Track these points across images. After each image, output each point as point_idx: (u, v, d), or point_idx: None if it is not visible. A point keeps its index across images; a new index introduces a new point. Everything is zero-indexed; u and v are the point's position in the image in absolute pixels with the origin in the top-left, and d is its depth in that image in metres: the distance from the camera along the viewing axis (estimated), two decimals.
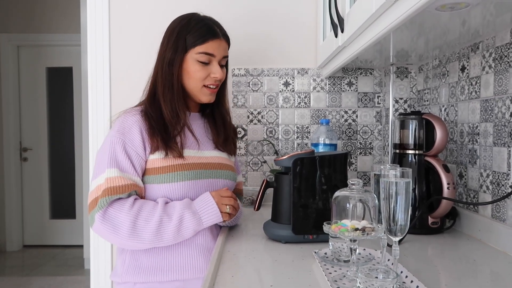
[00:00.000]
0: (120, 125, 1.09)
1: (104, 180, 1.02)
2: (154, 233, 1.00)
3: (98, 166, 1.06)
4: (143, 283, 1.08)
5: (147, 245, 1.03)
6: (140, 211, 1.01)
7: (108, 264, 1.74)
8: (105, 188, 1.01)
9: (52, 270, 3.62)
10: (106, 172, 1.03)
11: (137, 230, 1.00)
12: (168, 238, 1.02)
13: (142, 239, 1.00)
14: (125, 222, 0.99)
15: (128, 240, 1.00)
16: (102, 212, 1.00)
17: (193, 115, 1.21)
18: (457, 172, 1.26)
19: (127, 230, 0.99)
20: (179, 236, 1.04)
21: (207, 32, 1.12)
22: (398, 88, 1.65)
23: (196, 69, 1.12)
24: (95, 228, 1.02)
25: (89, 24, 1.73)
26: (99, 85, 1.73)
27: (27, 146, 4.28)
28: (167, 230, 1.02)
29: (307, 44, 1.74)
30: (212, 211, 1.06)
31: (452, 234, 1.15)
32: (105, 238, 1.03)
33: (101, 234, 1.02)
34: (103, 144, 1.09)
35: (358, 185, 0.79)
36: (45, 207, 4.31)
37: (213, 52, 1.12)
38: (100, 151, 1.09)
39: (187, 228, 1.03)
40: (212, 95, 1.17)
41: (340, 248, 0.88)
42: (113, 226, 1.00)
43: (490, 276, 0.84)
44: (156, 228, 1.01)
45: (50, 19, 4.16)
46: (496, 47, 1.05)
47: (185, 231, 1.04)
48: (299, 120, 1.74)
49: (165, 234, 1.02)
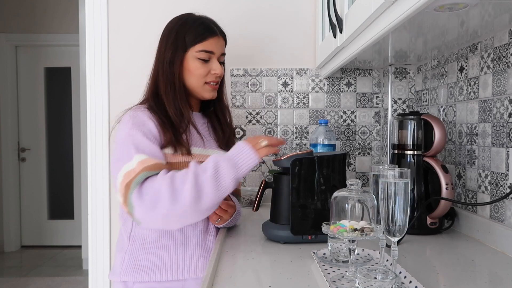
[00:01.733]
0: (133, 119, 1.07)
1: (136, 164, 0.98)
2: (193, 190, 0.94)
3: (122, 157, 1.01)
4: (141, 282, 1.08)
5: (191, 208, 0.95)
6: (174, 175, 0.97)
7: (106, 265, 1.73)
8: (141, 168, 0.97)
9: (50, 270, 3.61)
10: (135, 158, 0.99)
11: (176, 192, 0.94)
12: (209, 193, 0.96)
13: (184, 200, 0.94)
14: (162, 187, 0.94)
15: (172, 206, 0.94)
16: (137, 190, 0.95)
17: (195, 114, 1.22)
18: (455, 172, 1.26)
19: (167, 195, 0.93)
20: (218, 189, 0.97)
21: (205, 30, 1.14)
22: (396, 89, 1.65)
23: (196, 66, 1.13)
24: (137, 213, 0.95)
25: (87, 24, 1.73)
26: (97, 85, 1.73)
27: (25, 146, 4.27)
28: (205, 184, 0.96)
29: (305, 45, 1.74)
30: (247, 153, 1.00)
31: (451, 234, 1.15)
32: (150, 218, 0.95)
33: (144, 213, 0.95)
34: (119, 139, 1.06)
35: (357, 186, 0.79)
36: (43, 207, 4.30)
37: (212, 50, 1.14)
38: (119, 147, 1.04)
39: (224, 176, 0.97)
40: (214, 91, 1.19)
41: (339, 248, 0.88)
42: (153, 198, 0.94)
43: (488, 277, 0.84)
44: (194, 184, 0.95)
45: (48, 19, 4.15)
46: (494, 48, 1.05)
47: (223, 181, 0.97)
48: (297, 121, 1.74)
49: (204, 188, 0.95)
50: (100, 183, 1.73)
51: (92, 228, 1.74)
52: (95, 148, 1.73)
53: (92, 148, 1.73)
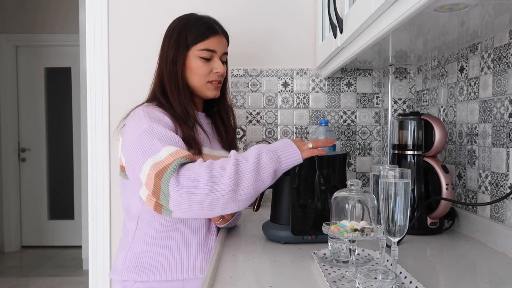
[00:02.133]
0: (149, 115, 1.04)
1: (165, 156, 0.93)
2: (233, 177, 0.91)
3: (146, 150, 0.96)
4: (142, 281, 1.08)
5: (228, 196, 0.91)
6: (212, 162, 0.94)
7: (106, 265, 1.73)
8: (173, 158, 0.92)
9: (50, 270, 3.62)
10: (163, 150, 0.95)
11: (215, 179, 0.90)
12: (248, 182, 0.92)
13: (223, 187, 0.90)
14: (201, 173, 0.90)
15: (210, 193, 0.90)
16: (174, 176, 0.90)
17: (199, 114, 1.22)
18: (456, 172, 1.26)
19: (206, 181, 0.90)
20: (258, 179, 0.93)
21: (207, 29, 1.15)
22: (397, 89, 1.65)
23: (198, 65, 1.14)
24: (173, 201, 0.90)
25: (87, 25, 1.73)
26: (97, 86, 1.73)
27: (26, 147, 4.27)
28: (245, 172, 0.92)
29: (306, 45, 1.74)
30: (292, 150, 0.98)
31: (451, 234, 1.15)
32: (187, 205, 0.91)
33: (182, 200, 0.90)
34: (137, 135, 1.00)
35: (357, 186, 0.79)
36: (43, 207, 4.30)
37: (214, 48, 1.15)
38: (139, 141, 0.98)
39: (265, 167, 0.94)
40: (216, 90, 1.20)
41: (339, 248, 0.88)
42: (191, 184, 0.90)
43: (489, 277, 0.84)
44: (234, 172, 0.91)
45: (48, 19, 4.15)
46: (494, 48, 1.05)
47: (264, 171, 0.94)
48: (298, 121, 1.74)
49: (244, 176, 0.92)
50: (101, 183, 1.73)
51: (92, 228, 1.74)
52: (95, 148, 1.73)
53: (92, 148, 1.73)
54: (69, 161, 4.26)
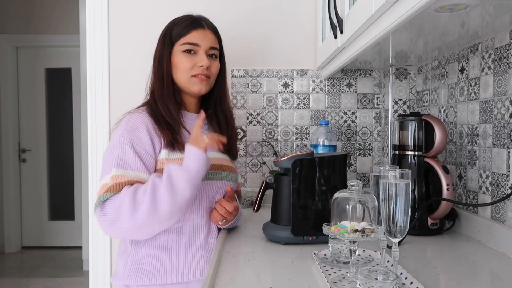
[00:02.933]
0: (126, 124, 1.09)
1: (109, 179, 1.01)
2: (151, 198, 0.96)
3: (105, 166, 1.05)
4: (145, 286, 1.07)
5: (149, 218, 0.96)
6: (136, 187, 0.99)
7: (107, 266, 1.73)
8: (110, 185, 1.00)
9: (51, 271, 3.61)
10: (112, 171, 1.02)
11: (135, 205, 0.96)
12: (165, 199, 0.96)
13: (142, 211, 0.95)
14: (123, 200, 0.97)
15: (131, 219, 0.96)
16: (100, 207, 0.99)
17: (190, 115, 1.19)
18: (456, 173, 1.26)
19: (127, 208, 0.96)
20: (174, 192, 0.97)
21: (190, 23, 1.15)
22: (397, 89, 1.65)
23: (181, 60, 1.14)
24: (101, 228, 1.01)
25: (88, 25, 1.73)
26: (98, 86, 1.73)
27: (26, 147, 4.27)
28: (161, 189, 0.97)
29: (306, 45, 1.74)
30: (191, 152, 1.01)
31: (452, 235, 1.15)
32: (114, 233, 1.01)
33: (107, 228, 1.00)
34: (110, 144, 1.08)
35: (358, 186, 0.79)
36: (44, 208, 4.30)
37: (197, 42, 1.14)
38: (108, 151, 1.07)
39: (177, 178, 0.98)
40: (201, 84, 1.15)
41: (340, 249, 0.88)
42: (113, 213, 0.97)
43: (489, 278, 0.83)
44: (152, 192, 0.97)
45: (49, 20, 4.16)
46: (495, 48, 1.05)
47: (177, 183, 0.98)
48: (298, 121, 1.74)
49: (160, 194, 0.97)
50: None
51: (92, 229, 1.73)
52: (95, 149, 1.73)
53: (92, 149, 1.73)
54: (70, 162, 4.26)
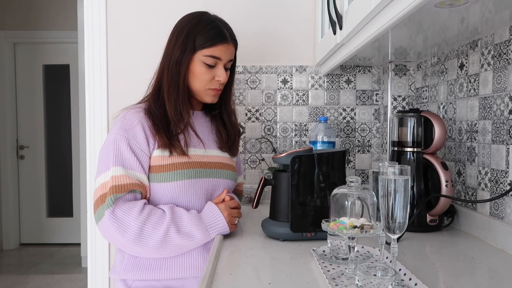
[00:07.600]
0: (122, 122, 1.08)
1: (109, 178, 1.02)
2: (160, 242, 1.00)
3: (102, 164, 1.06)
4: (141, 280, 1.08)
5: (149, 253, 1.03)
6: (148, 217, 1.01)
7: (105, 262, 1.73)
8: (112, 185, 1.01)
9: (49, 268, 3.61)
10: (111, 170, 1.03)
11: (143, 236, 1.00)
12: (172, 250, 1.03)
13: (146, 245, 1.00)
14: (133, 225, 0.99)
15: (133, 244, 1.00)
16: (111, 209, 0.99)
17: (197, 113, 1.21)
18: (455, 169, 1.26)
19: (134, 234, 0.99)
20: (184, 249, 1.05)
21: (217, 35, 1.10)
22: (396, 86, 1.65)
23: (201, 71, 1.11)
24: (103, 224, 1.00)
25: (86, 21, 1.72)
26: (96, 83, 1.72)
27: (24, 144, 4.26)
28: (173, 242, 1.02)
29: (305, 42, 1.73)
30: (221, 226, 1.07)
31: (451, 231, 1.15)
32: (110, 236, 1.02)
33: (107, 231, 1.01)
34: (106, 141, 1.08)
35: (357, 183, 0.79)
36: (42, 205, 4.29)
37: (220, 56, 1.11)
38: (104, 148, 1.07)
39: (195, 242, 1.05)
40: (215, 97, 1.17)
41: (339, 245, 0.88)
42: (121, 227, 0.99)
43: (488, 274, 0.84)
44: (162, 238, 1.00)
45: (46, 16, 4.14)
46: (495, 45, 1.05)
47: (192, 245, 1.05)
48: (297, 118, 1.74)
49: (170, 245, 1.02)
50: None
51: (91, 225, 1.73)
52: (93, 146, 1.72)
53: (90, 146, 1.73)
54: (68, 158, 4.25)
